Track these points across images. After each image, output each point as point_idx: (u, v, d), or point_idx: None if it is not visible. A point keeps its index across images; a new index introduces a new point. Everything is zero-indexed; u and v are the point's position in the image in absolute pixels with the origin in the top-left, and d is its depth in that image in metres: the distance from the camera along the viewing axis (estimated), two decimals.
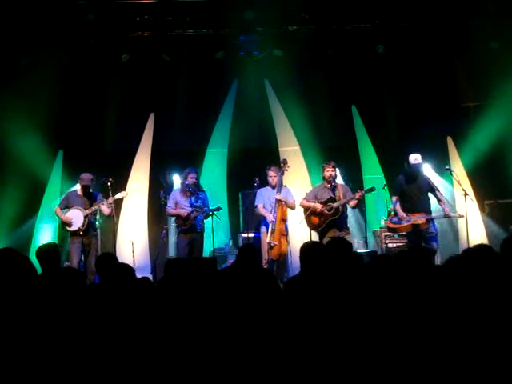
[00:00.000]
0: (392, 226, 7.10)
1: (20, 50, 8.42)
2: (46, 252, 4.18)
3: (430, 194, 7.12)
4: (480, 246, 2.89)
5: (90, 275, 6.78)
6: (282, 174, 7.34)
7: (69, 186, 8.29)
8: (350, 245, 4.00)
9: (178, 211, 7.28)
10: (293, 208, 7.43)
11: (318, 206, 6.99)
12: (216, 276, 3.61)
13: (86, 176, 7.18)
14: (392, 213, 7.24)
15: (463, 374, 2.25)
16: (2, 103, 8.18)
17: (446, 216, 7.18)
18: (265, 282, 2.92)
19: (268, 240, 7.07)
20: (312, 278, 2.62)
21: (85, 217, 7.02)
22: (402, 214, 6.93)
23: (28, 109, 8.26)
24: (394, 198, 7.11)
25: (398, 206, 7.00)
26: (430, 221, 6.93)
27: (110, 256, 4.47)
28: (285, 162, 7.40)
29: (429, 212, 7.00)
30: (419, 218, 6.86)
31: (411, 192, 7.02)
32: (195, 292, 2.64)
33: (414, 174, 7.01)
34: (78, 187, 7.42)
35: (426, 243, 6.79)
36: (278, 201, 7.18)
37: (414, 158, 6.96)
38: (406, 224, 6.91)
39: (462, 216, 7.22)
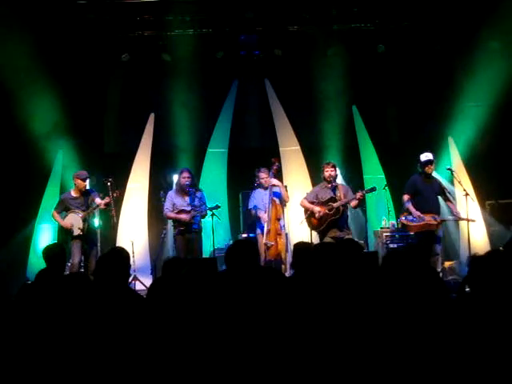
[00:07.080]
0: (406, 222, 6.99)
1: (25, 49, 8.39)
2: (52, 252, 4.37)
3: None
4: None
5: (90, 276, 6.76)
6: (274, 174, 7.33)
7: (69, 187, 8.26)
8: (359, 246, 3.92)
9: (179, 217, 7.22)
10: (286, 200, 7.43)
11: (317, 209, 6.96)
12: (216, 276, 3.58)
13: (83, 172, 7.21)
14: (405, 212, 7.13)
15: (462, 373, 2.24)
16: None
17: (459, 219, 7.19)
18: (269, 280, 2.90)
19: (264, 241, 7.06)
20: (304, 278, 2.60)
21: (83, 220, 7.04)
22: (417, 212, 6.87)
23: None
24: (406, 197, 7.03)
25: (410, 205, 6.96)
26: (441, 223, 6.94)
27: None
28: (273, 162, 7.39)
29: (439, 213, 6.99)
30: (434, 219, 6.84)
31: (426, 192, 7.00)
32: (192, 292, 2.63)
33: (427, 173, 7.02)
34: (71, 189, 7.40)
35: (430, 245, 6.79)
36: (272, 200, 7.18)
37: (425, 155, 6.99)
38: (419, 223, 6.87)
39: (474, 220, 7.21)
